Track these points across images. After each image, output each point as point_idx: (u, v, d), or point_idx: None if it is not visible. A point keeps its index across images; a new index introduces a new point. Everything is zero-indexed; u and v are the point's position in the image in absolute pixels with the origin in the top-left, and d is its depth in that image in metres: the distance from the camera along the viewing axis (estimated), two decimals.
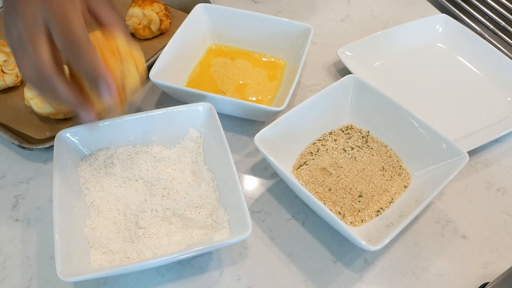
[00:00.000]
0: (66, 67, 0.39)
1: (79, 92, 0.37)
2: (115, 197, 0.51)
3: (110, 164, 0.53)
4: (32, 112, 0.59)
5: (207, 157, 0.53)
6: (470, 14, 0.86)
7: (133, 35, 0.71)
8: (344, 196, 0.53)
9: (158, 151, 0.54)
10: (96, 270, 0.44)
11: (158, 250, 0.46)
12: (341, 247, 0.51)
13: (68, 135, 0.51)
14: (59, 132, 0.51)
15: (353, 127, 0.60)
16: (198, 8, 0.67)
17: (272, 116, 0.58)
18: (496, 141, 0.62)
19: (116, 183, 0.52)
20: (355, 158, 0.57)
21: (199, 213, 0.50)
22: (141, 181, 0.52)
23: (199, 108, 0.54)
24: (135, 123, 0.53)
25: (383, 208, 0.52)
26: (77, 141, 0.52)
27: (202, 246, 0.43)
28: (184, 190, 0.52)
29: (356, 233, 0.45)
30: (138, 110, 0.62)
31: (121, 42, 0.40)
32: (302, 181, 0.54)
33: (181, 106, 0.54)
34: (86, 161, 0.52)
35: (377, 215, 0.52)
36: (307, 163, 0.56)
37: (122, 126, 0.53)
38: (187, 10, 0.72)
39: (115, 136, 0.53)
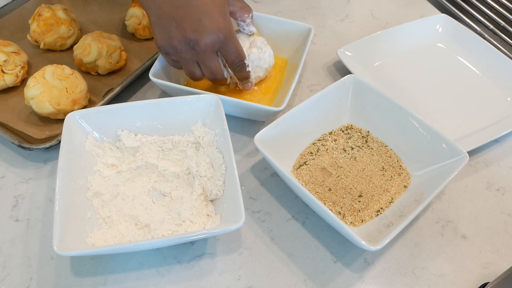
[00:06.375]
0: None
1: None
2: (121, 182, 0.52)
3: (116, 149, 0.54)
4: (32, 112, 0.59)
5: (209, 148, 0.54)
6: (470, 14, 0.86)
7: (133, 35, 0.71)
8: (344, 196, 0.53)
9: (164, 139, 0.55)
10: (92, 247, 0.45)
11: (156, 234, 0.48)
12: (341, 247, 0.51)
13: (77, 117, 0.52)
14: (69, 114, 0.52)
15: (353, 127, 0.60)
16: None
17: (272, 116, 0.58)
18: (496, 141, 0.62)
19: (123, 166, 0.53)
20: (355, 158, 0.57)
21: (206, 205, 0.51)
22: (148, 167, 0.53)
23: (206, 99, 0.54)
24: (142, 109, 0.54)
25: (383, 208, 0.52)
26: (85, 124, 0.53)
27: (195, 233, 0.45)
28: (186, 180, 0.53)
29: (356, 233, 0.45)
30: None
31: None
32: (302, 181, 0.54)
33: (189, 96, 0.55)
34: (93, 142, 0.53)
35: (377, 215, 0.52)
36: (307, 163, 0.56)
37: (130, 112, 0.54)
38: None
39: (122, 121, 0.54)
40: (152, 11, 0.52)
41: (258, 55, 0.59)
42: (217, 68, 0.55)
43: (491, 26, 0.83)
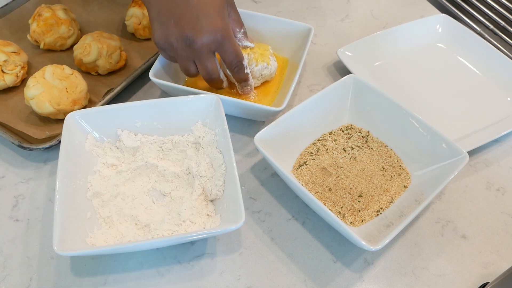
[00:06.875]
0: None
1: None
2: (121, 182, 0.52)
3: (116, 149, 0.54)
4: (32, 112, 0.59)
5: (209, 148, 0.54)
6: (470, 14, 0.86)
7: (133, 35, 0.71)
8: (344, 196, 0.53)
9: (164, 139, 0.55)
10: (92, 247, 0.45)
11: (156, 234, 0.48)
12: (341, 247, 0.51)
13: (77, 117, 0.52)
14: (69, 114, 0.52)
15: (353, 127, 0.60)
16: None
17: (272, 116, 0.58)
18: (496, 141, 0.62)
19: (123, 166, 0.53)
20: (355, 158, 0.57)
21: (206, 205, 0.51)
22: (148, 167, 0.53)
23: (206, 99, 0.54)
24: (142, 109, 0.54)
25: (383, 208, 0.52)
26: (85, 124, 0.53)
27: (195, 233, 0.45)
28: (186, 181, 0.53)
29: (356, 233, 0.45)
30: None
31: None
32: (302, 181, 0.54)
33: (189, 96, 0.55)
34: (93, 142, 0.53)
35: (377, 215, 0.52)
36: (307, 163, 0.56)
37: (130, 112, 0.54)
38: None
39: (122, 121, 0.54)
40: (152, 7, 0.53)
41: (264, 71, 0.61)
42: (213, 68, 0.55)
43: (491, 26, 0.83)
